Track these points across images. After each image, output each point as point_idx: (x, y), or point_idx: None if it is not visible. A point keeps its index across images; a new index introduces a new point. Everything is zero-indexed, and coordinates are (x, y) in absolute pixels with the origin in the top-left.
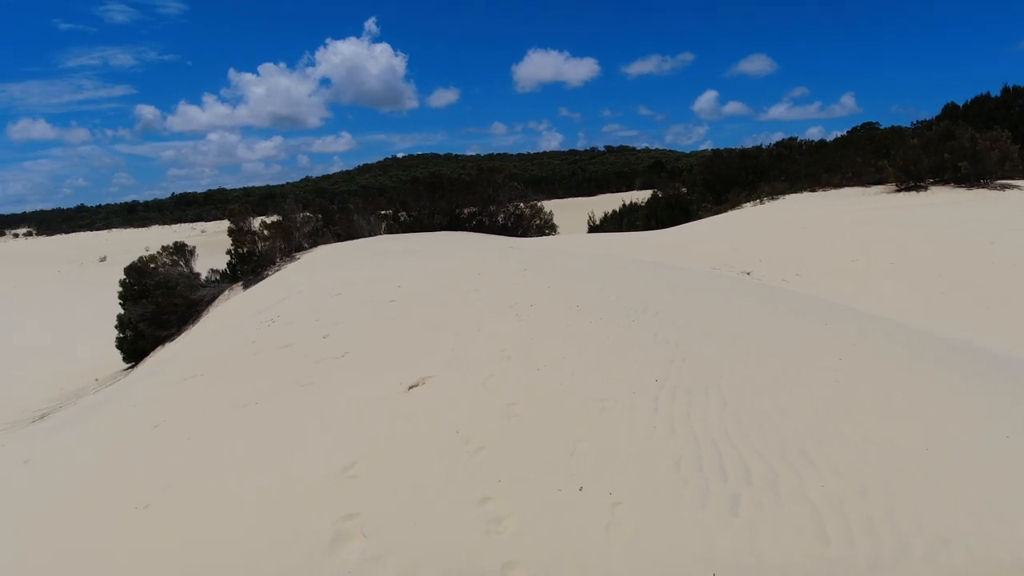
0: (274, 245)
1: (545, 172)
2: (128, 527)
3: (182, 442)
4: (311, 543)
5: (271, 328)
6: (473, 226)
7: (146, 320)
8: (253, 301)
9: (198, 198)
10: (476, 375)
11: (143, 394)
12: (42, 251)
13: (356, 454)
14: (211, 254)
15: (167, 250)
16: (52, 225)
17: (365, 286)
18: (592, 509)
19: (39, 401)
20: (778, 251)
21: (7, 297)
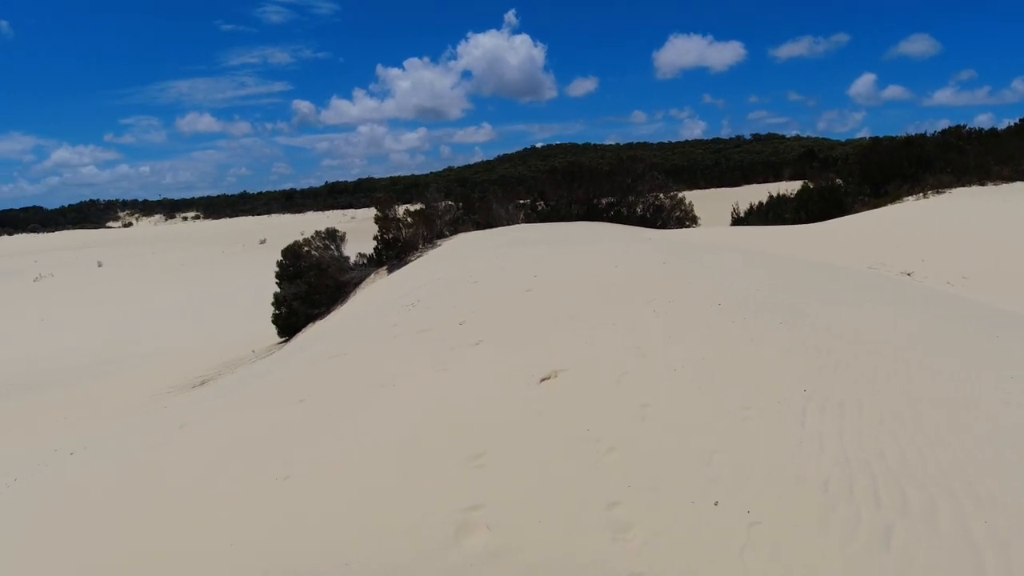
0: (417, 232)
1: (686, 161)
2: (268, 497)
3: (323, 418)
4: (437, 531)
5: (411, 312)
6: (611, 216)
7: (299, 299)
8: (396, 285)
9: (349, 186)
10: (610, 371)
11: (291, 369)
12: (208, 233)
13: (485, 444)
14: (359, 239)
15: (320, 235)
16: (217, 210)
17: (502, 275)
18: (727, 527)
19: (201, 368)
20: (943, 250)
21: (176, 274)
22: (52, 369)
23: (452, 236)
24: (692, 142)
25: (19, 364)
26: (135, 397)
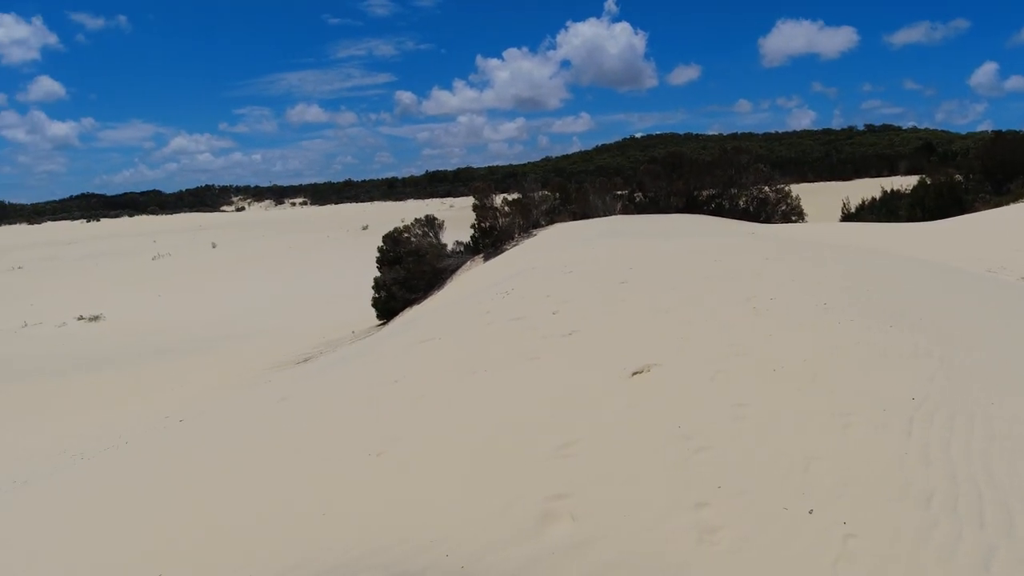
0: (513, 221)
1: (794, 153)
2: (360, 470)
3: (415, 400)
4: (521, 518)
5: (505, 300)
6: (712, 209)
7: (398, 283)
8: (491, 273)
9: (448, 175)
10: (704, 368)
11: (387, 351)
12: (314, 219)
13: (573, 434)
14: (457, 227)
15: (419, 222)
16: (323, 196)
17: (596, 266)
18: (821, 537)
19: (304, 346)
20: None
21: (284, 257)
22: (166, 343)
23: (548, 226)
24: (800, 133)
25: (135, 337)
26: (243, 370)
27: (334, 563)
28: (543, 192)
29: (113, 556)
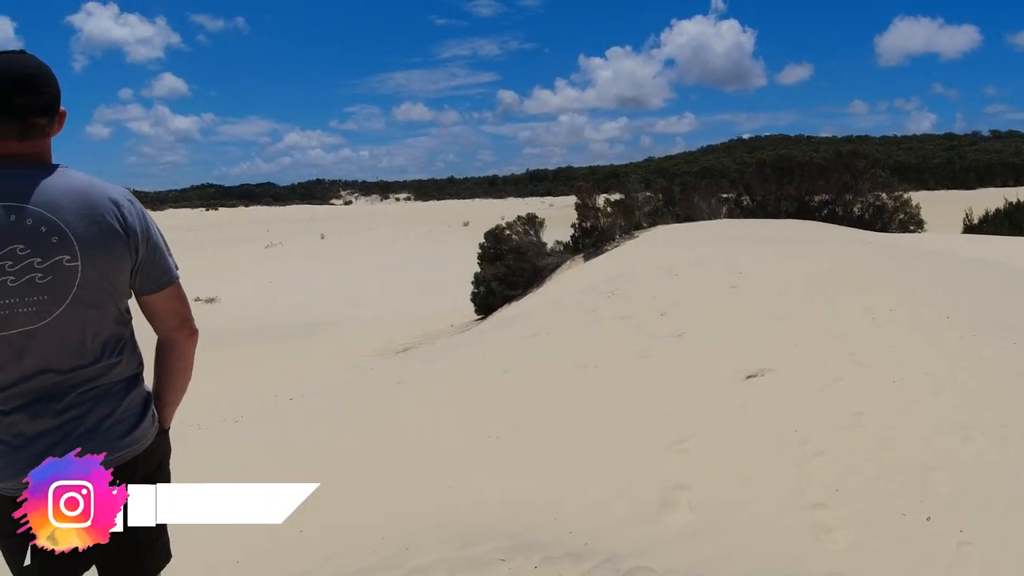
0: (615, 222)
1: (913, 159)
2: (481, 450)
3: (528, 389)
4: (640, 503)
5: (610, 300)
6: (824, 216)
7: (498, 279)
8: (592, 273)
9: (548, 174)
10: (820, 376)
11: (496, 343)
12: (417, 214)
13: (687, 430)
14: (556, 227)
15: (520, 220)
16: (426, 192)
17: (703, 269)
18: (936, 543)
19: (402, 336)
20: None
21: (387, 249)
22: (275, 326)
23: (650, 228)
24: (920, 137)
25: (247, 319)
26: (344, 356)
27: (462, 529)
28: (646, 193)
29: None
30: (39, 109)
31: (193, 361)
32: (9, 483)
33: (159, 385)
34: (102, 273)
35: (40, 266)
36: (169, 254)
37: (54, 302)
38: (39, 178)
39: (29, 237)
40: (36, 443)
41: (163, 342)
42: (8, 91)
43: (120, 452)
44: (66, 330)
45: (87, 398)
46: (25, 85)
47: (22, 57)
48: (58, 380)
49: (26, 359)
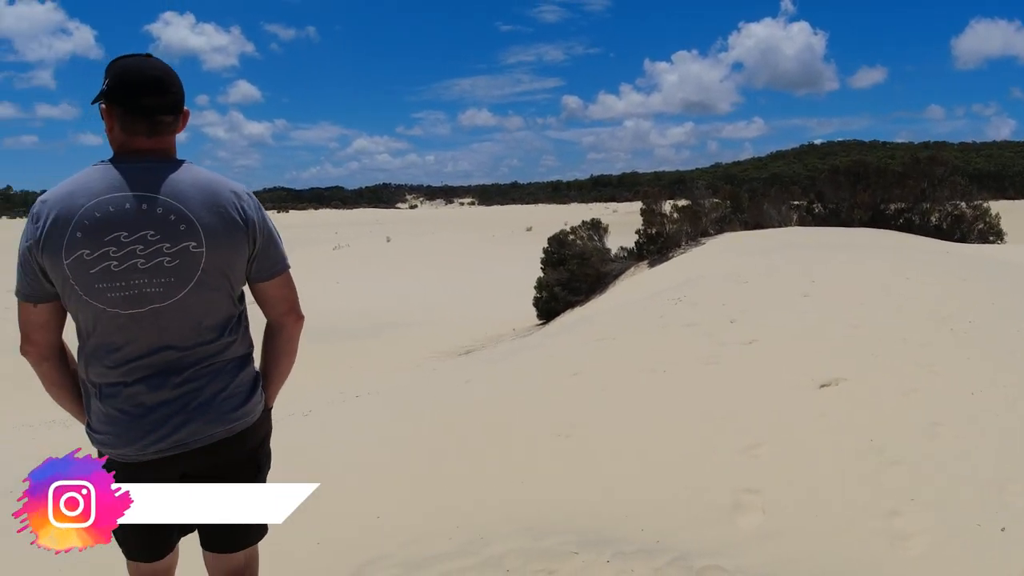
0: (681, 228)
1: (993, 166)
2: (549, 449)
3: (597, 391)
4: (713, 505)
5: (677, 306)
6: (899, 224)
7: (561, 285)
8: (658, 279)
9: (612, 180)
10: (897, 386)
11: (562, 346)
12: (481, 218)
13: (760, 436)
14: (620, 233)
15: (584, 225)
16: (490, 197)
17: (775, 277)
18: (1011, 553)
19: (465, 339)
20: None
21: (451, 253)
22: (340, 326)
23: (717, 235)
24: (1000, 143)
25: (313, 319)
26: (407, 357)
27: (534, 522)
28: (713, 200)
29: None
30: (166, 108)
31: (297, 345)
32: (127, 449)
33: (266, 366)
34: (223, 260)
35: (168, 251)
36: (281, 245)
37: (179, 284)
38: (168, 171)
39: (159, 224)
40: (155, 412)
41: (272, 326)
42: (138, 92)
43: (231, 424)
44: (188, 310)
45: (203, 373)
46: (153, 86)
47: (150, 60)
48: (178, 356)
49: (151, 335)
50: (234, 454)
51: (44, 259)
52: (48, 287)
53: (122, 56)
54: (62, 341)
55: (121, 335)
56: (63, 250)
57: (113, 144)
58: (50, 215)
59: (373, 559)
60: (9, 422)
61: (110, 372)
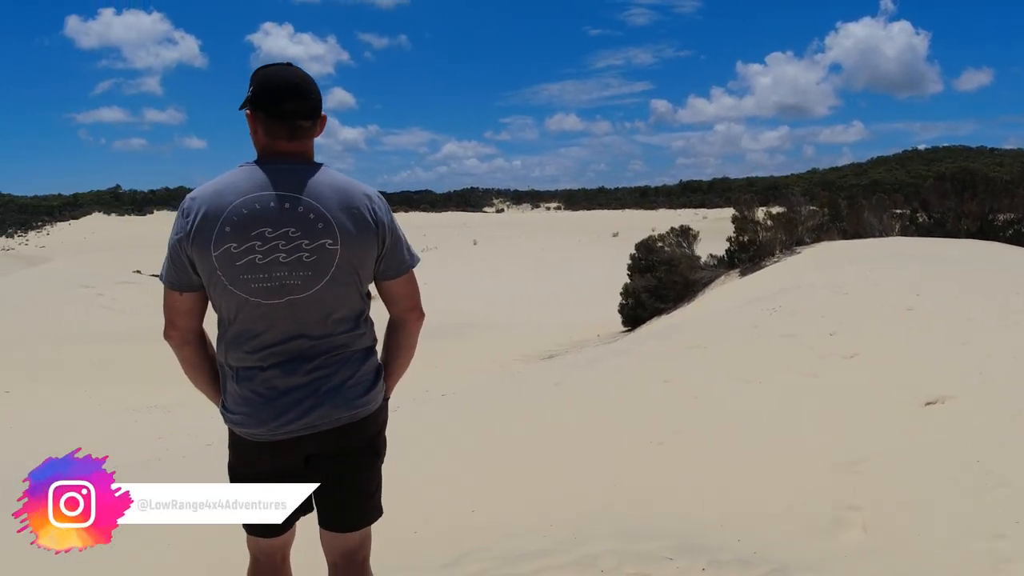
0: (775, 236)
1: None
2: (643, 456)
3: (690, 399)
4: (812, 519)
5: (773, 316)
6: (1008, 236)
7: (648, 292)
8: (750, 289)
9: (702, 185)
10: (1007, 406)
11: (652, 353)
12: (567, 223)
13: (861, 452)
14: (710, 240)
15: (673, 232)
16: (576, 202)
17: (876, 289)
18: None
19: (548, 343)
20: None
21: (536, 257)
22: (426, 325)
23: (814, 244)
24: None
25: None
26: (491, 359)
27: (629, 525)
28: (810, 207)
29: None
30: (304, 113)
31: (417, 340)
32: (260, 429)
33: (387, 358)
34: (355, 257)
35: (307, 247)
36: (407, 245)
37: (316, 278)
38: (308, 174)
39: (300, 222)
40: (287, 396)
41: (395, 322)
42: (279, 98)
43: (356, 410)
44: (321, 302)
45: (333, 361)
46: (293, 93)
47: (289, 69)
48: (310, 344)
49: (287, 324)
50: (356, 439)
51: (193, 251)
52: (195, 277)
53: (265, 65)
54: (202, 327)
55: (260, 323)
56: (212, 243)
57: (257, 147)
58: (200, 211)
59: (470, 550)
60: (120, 406)
61: (248, 357)
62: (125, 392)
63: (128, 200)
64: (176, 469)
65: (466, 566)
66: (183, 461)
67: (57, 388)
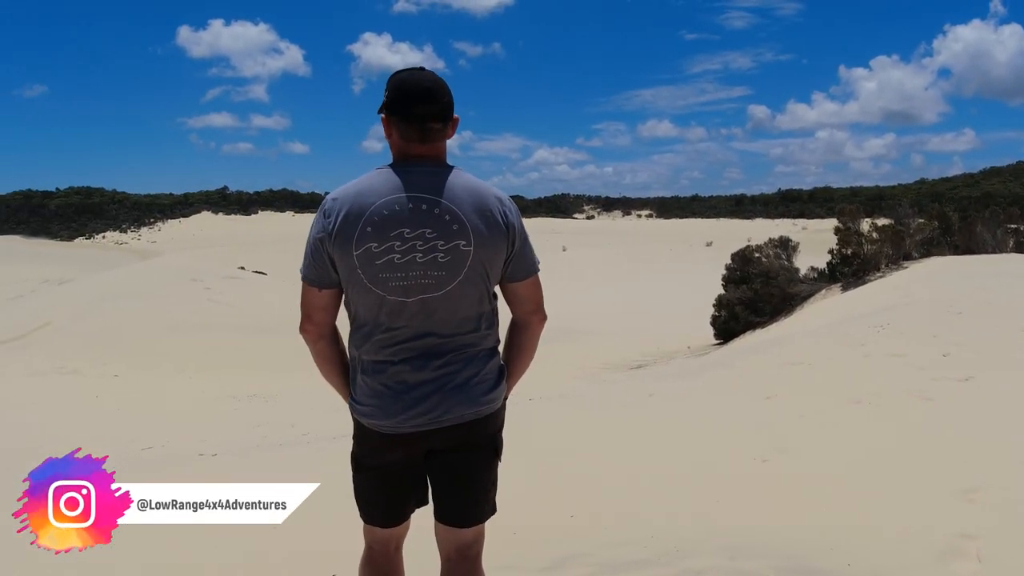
0: (880, 250)
1: None
2: (746, 472)
3: (795, 417)
4: (923, 546)
5: (880, 335)
6: None
7: (742, 304)
8: (854, 304)
9: (802, 195)
10: None
11: (750, 368)
12: (659, 232)
13: (978, 481)
14: (809, 252)
15: (772, 243)
16: (669, 210)
17: (992, 308)
18: None
19: (635, 354)
20: None
21: (626, 265)
22: None
23: (922, 259)
24: None
25: None
26: (578, 367)
27: (732, 542)
28: (918, 220)
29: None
30: (435, 116)
31: (538, 343)
32: (388, 421)
33: (508, 359)
34: (486, 258)
35: (442, 248)
36: (533, 249)
37: (449, 278)
38: (442, 176)
39: (436, 223)
40: (415, 391)
41: (518, 323)
42: (411, 102)
43: (480, 407)
44: (452, 301)
45: (460, 359)
46: (423, 96)
47: (422, 73)
48: (439, 342)
49: (419, 321)
50: (478, 436)
51: (334, 250)
52: (333, 275)
53: (399, 70)
54: (335, 323)
55: (394, 320)
56: (353, 242)
57: (392, 149)
58: (341, 211)
59: (570, 556)
60: (221, 394)
61: (380, 352)
62: (227, 380)
63: (235, 200)
64: (272, 458)
65: (567, 570)
66: (280, 450)
67: (163, 374)
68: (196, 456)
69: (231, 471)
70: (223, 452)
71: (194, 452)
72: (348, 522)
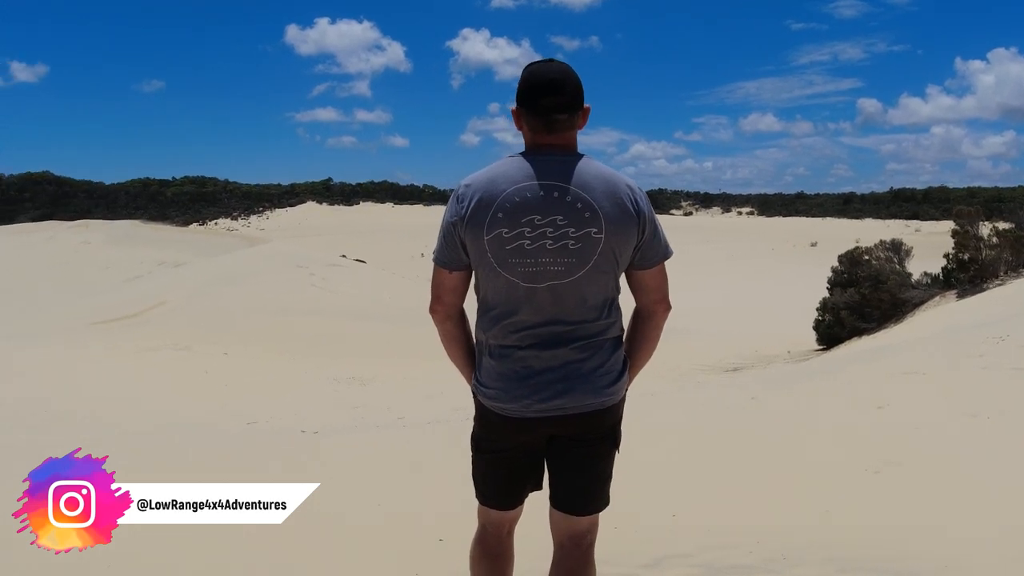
0: (1000, 255)
1: None
2: (858, 483)
3: (909, 429)
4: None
5: (1001, 346)
6: None
7: (849, 308)
8: (969, 312)
9: (916, 195)
10: None
11: (857, 376)
12: (760, 230)
13: None
14: (923, 256)
15: (883, 245)
16: (771, 208)
17: None
18: None
19: (732, 356)
20: None
21: (725, 264)
22: None
23: None
24: None
25: None
26: (671, 367)
27: (840, 553)
28: None
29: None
30: (559, 108)
31: (661, 333)
32: (512, 405)
33: (631, 349)
34: (617, 246)
35: (573, 235)
36: (664, 237)
37: (579, 265)
38: (572, 164)
39: (567, 211)
40: (540, 376)
41: (642, 312)
42: (536, 94)
43: (603, 398)
44: (579, 289)
45: (585, 347)
46: (549, 88)
47: (549, 65)
48: (565, 329)
49: (547, 308)
50: (599, 426)
51: (466, 234)
52: (464, 258)
53: (531, 63)
54: (463, 305)
55: (523, 305)
56: (485, 227)
57: (525, 139)
58: (474, 197)
59: (671, 555)
60: (322, 375)
61: (507, 336)
62: (327, 363)
63: (338, 191)
64: (370, 438)
65: (668, 569)
66: (376, 431)
67: (268, 355)
68: (298, 432)
69: (325, 450)
70: (323, 433)
71: (296, 429)
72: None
